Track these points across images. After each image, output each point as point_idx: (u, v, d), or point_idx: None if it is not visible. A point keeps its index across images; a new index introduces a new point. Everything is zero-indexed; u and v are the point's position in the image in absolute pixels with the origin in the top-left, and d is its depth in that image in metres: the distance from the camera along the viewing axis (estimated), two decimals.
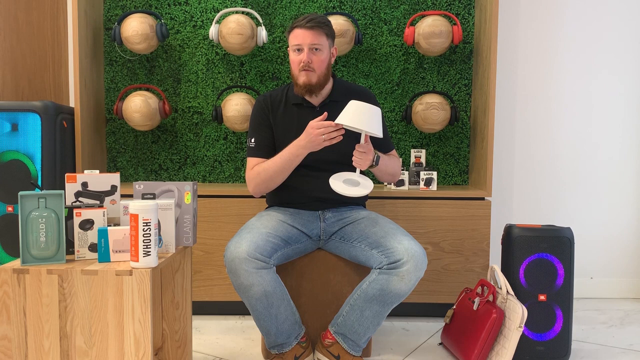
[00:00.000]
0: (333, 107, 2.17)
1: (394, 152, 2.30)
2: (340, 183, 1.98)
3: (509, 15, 3.00)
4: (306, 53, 2.08)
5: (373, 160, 2.04)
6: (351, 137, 2.14)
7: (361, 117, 1.91)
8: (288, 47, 2.16)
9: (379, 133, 1.95)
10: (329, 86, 2.19)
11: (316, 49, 2.09)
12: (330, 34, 2.13)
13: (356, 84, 2.39)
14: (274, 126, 2.19)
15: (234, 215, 2.61)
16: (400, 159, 2.30)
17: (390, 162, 2.20)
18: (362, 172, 2.08)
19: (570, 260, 2.15)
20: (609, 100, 3.03)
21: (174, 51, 2.92)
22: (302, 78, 2.11)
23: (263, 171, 2.10)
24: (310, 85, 2.11)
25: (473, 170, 2.88)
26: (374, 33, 2.91)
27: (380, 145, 2.22)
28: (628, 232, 3.08)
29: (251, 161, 2.18)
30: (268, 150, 2.18)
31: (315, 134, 1.96)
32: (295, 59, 2.12)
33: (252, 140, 2.19)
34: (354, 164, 2.00)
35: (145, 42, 2.72)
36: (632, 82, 3.02)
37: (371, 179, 2.91)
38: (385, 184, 2.81)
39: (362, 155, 1.99)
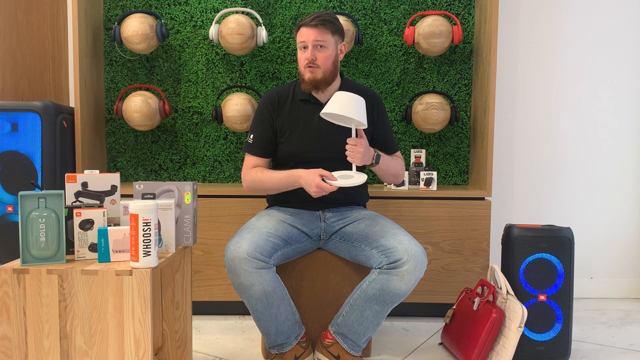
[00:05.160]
0: None
1: (398, 153, 2.30)
2: (335, 179, 2.00)
3: (509, 15, 3.00)
4: (310, 50, 2.10)
5: (373, 158, 2.06)
6: (348, 135, 2.14)
7: (346, 105, 1.95)
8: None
9: (362, 121, 1.97)
10: (336, 84, 2.20)
11: (320, 46, 2.10)
12: (336, 31, 2.13)
13: (363, 85, 2.39)
14: (278, 122, 2.19)
15: (234, 215, 2.61)
16: (404, 161, 2.31)
17: (392, 162, 2.20)
18: (360, 170, 2.09)
19: (570, 260, 2.15)
20: (609, 100, 3.03)
21: (174, 51, 2.92)
22: (307, 75, 2.13)
23: (259, 182, 2.15)
24: (316, 81, 2.12)
25: (473, 170, 2.88)
26: (374, 33, 2.91)
27: (384, 146, 2.23)
28: (628, 232, 3.08)
29: (248, 159, 2.21)
30: (266, 149, 2.20)
31: (314, 191, 1.99)
32: (301, 56, 2.14)
33: (252, 136, 2.21)
34: (348, 158, 2.02)
35: (145, 42, 2.72)
36: (633, 83, 3.02)
37: (373, 179, 2.92)
38: (386, 183, 2.81)
39: (353, 149, 2.00)
